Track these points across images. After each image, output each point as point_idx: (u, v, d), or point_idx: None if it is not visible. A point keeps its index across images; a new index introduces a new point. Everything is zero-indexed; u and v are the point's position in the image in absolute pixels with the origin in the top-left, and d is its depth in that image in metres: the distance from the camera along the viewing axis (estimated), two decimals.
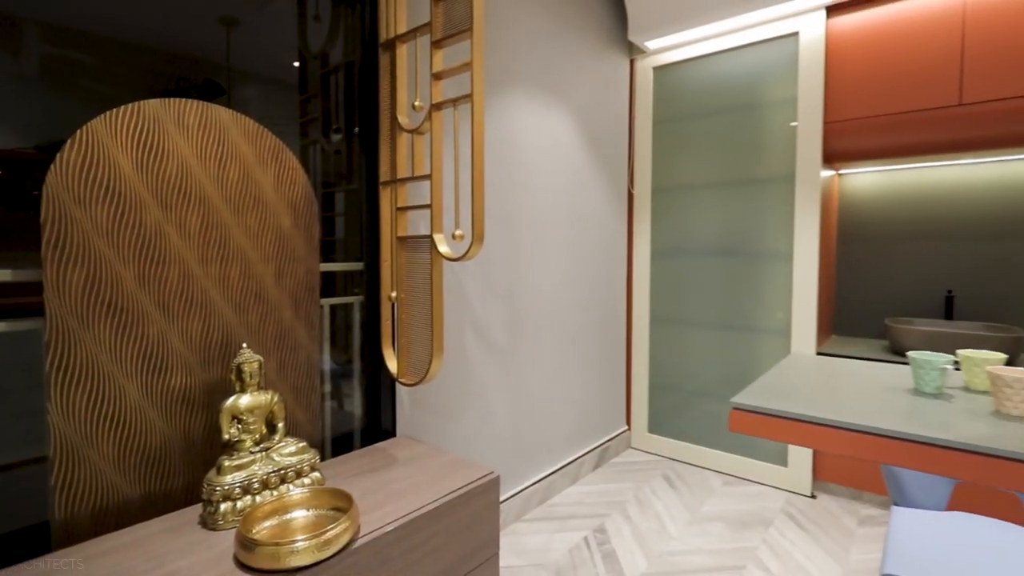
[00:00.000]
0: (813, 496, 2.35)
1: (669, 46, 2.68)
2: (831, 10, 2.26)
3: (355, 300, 1.64)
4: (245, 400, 1.11)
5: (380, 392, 1.64)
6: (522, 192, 2.14)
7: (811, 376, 1.11)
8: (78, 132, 1.02)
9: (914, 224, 2.52)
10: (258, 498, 1.04)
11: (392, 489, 1.18)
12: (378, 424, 1.65)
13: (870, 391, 0.99)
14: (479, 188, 1.25)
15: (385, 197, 1.49)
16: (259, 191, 1.26)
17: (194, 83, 1.33)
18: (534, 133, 2.19)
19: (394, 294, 1.48)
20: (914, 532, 1.28)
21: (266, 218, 1.27)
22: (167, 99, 1.12)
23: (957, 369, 1.11)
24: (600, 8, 2.58)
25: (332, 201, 1.64)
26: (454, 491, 1.17)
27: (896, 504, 1.43)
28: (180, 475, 1.15)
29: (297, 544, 0.86)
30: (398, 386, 1.65)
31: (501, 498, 2.07)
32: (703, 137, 2.66)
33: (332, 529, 0.90)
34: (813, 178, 2.32)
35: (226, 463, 1.05)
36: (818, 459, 2.38)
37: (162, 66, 1.26)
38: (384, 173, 1.48)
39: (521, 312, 2.15)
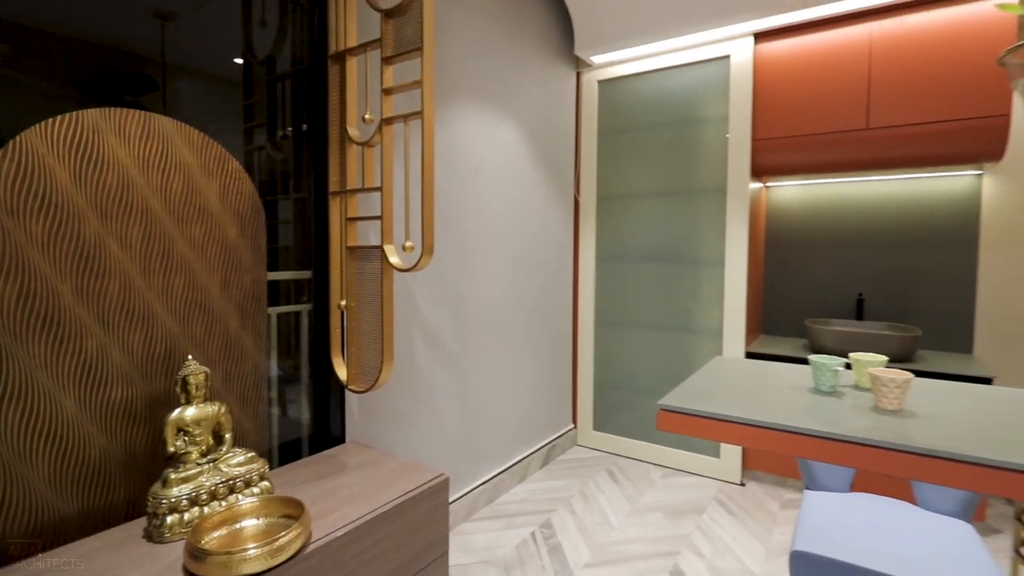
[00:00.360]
0: (742, 484, 2.55)
1: (613, 61, 2.82)
2: (758, 37, 2.46)
3: (303, 308, 1.65)
4: (191, 412, 1.12)
5: (329, 399, 1.66)
6: (470, 200, 2.20)
7: (728, 378, 1.24)
8: (10, 143, 0.99)
9: (831, 233, 2.78)
10: (206, 509, 1.06)
11: (343, 494, 1.21)
12: (327, 431, 1.67)
13: (777, 390, 1.13)
14: (429, 202, 1.30)
15: (334, 207, 1.51)
16: (204, 201, 1.26)
17: (124, 76, 1.30)
18: (482, 143, 2.25)
19: (343, 302, 1.51)
20: (821, 512, 1.44)
21: (211, 228, 1.27)
22: (107, 109, 1.11)
23: (849, 369, 1.27)
24: (548, 23, 2.68)
25: (276, 209, 1.65)
26: (405, 494, 1.22)
27: (808, 488, 1.61)
28: (121, 489, 1.14)
29: (249, 552, 0.89)
30: (347, 393, 1.67)
31: (450, 499, 2.13)
32: (645, 149, 2.81)
33: (284, 536, 0.94)
34: (742, 190, 2.52)
35: (172, 475, 1.05)
36: (747, 450, 2.58)
37: (88, 57, 1.23)
38: (334, 183, 1.51)
39: (470, 317, 2.21)
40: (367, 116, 1.42)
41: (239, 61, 1.55)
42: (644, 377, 2.87)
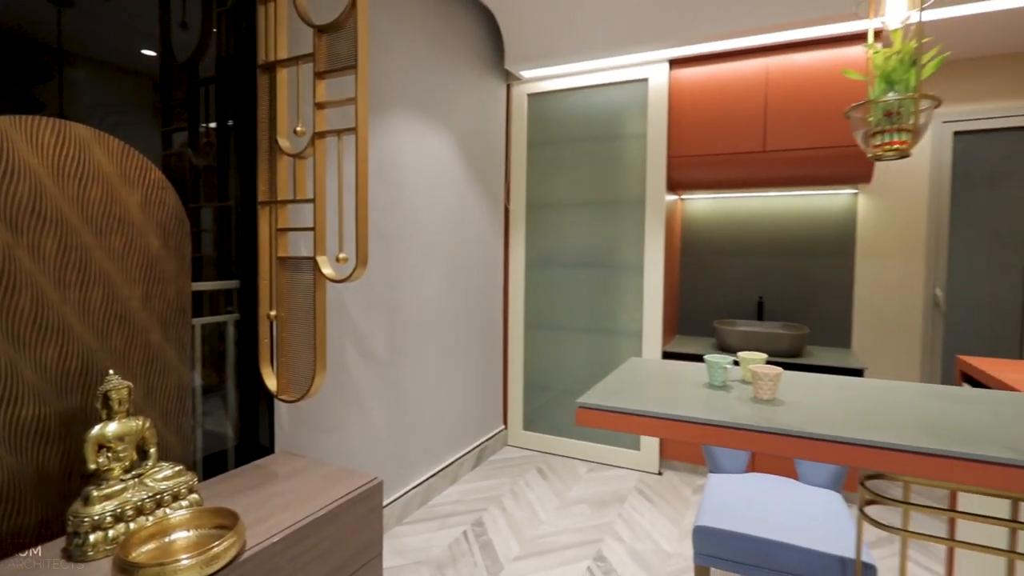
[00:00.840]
0: (660, 473, 2.78)
1: (542, 76, 2.97)
2: (673, 63, 2.70)
3: (229, 319, 1.64)
4: (113, 427, 1.11)
5: (257, 410, 1.66)
6: (402, 209, 2.25)
7: (639, 376, 1.40)
8: None
9: (737, 242, 3.09)
10: (132, 525, 1.05)
11: (276, 502, 1.24)
12: (255, 442, 1.67)
13: (679, 386, 1.29)
14: (363, 217, 1.36)
15: (264, 217, 1.52)
16: (124, 212, 1.24)
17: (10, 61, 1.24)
18: (414, 153, 2.31)
19: (273, 312, 1.52)
20: (721, 491, 1.65)
21: (132, 239, 1.25)
22: (18, 116, 1.07)
23: (737, 365, 1.47)
24: (479, 37, 2.78)
25: (198, 216, 1.62)
26: (339, 498, 1.27)
27: (711, 472, 1.81)
28: (32, 511, 1.10)
29: (182, 562, 0.92)
30: (277, 403, 1.68)
31: (383, 503, 2.17)
32: (571, 161, 2.99)
33: (218, 545, 0.96)
34: (659, 202, 2.75)
35: (95, 493, 1.04)
36: (664, 442, 2.82)
37: None
38: (262, 193, 1.52)
39: (402, 324, 2.26)
40: (299, 128, 1.44)
41: (152, 54, 1.51)
42: (571, 377, 3.04)
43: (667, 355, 2.80)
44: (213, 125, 1.60)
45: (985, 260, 2.84)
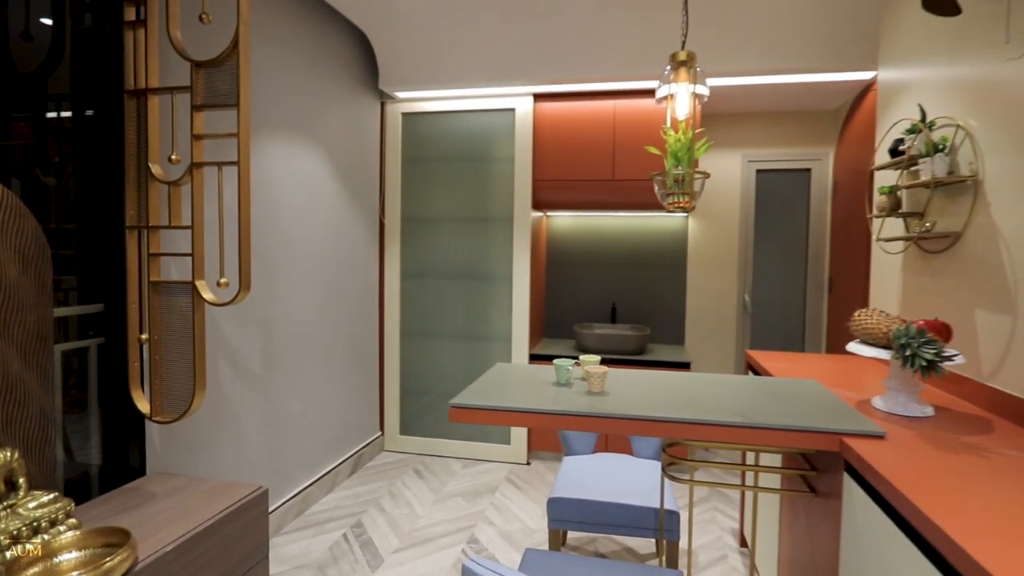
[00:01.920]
0: (528, 463, 3.15)
1: (417, 97, 3.17)
2: (537, 97, 3.07)
3: (92, 343, 1.63)
4: None
5: (127, 433, 1.67)
6: (278, 227, 2.33)
7: (503, 378, 1.70)
8: None
9: (595, 255, 3.58)
10: (8, 553, 1.09)
11: (162, 518, 1.33)
12: (126, 465, 1.68)
13: (533, 385, 1.61)
14: (246, 245, 1.48)
15: (132, 241, 1.56)
16: None
17: None
18: (289, 172, 2.40)
19: (145, 336, 1.57)
20: (572, 469, 2.01)
21: None
22: None
23: (576, 365, 1.84)
24: (353, 57, 2.91)
25: (58, 239, 1.60)
26: (226, 508, 1.39)
27: (566, 455, 2.19)
28: None
29: None
30: (148, 425, 1.70)
31: None
32: (445, 178, 3.24)
33: (110, 560, 1.06)
34: (525, 219, 3.11)
35: None
36: (532, 434, 3.19)
37: None
38: (131, 217, 1.55)
39: (278, 339, 2.34)
40: (174, 156, 1.51)
41: None
42: (446, 381, 3.29)
43: (534, 357, 3.18)
44: (65, 145, 1.58)
45: (779, 271, 3.64)
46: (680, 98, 1.55)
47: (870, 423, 1.28)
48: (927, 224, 1.78)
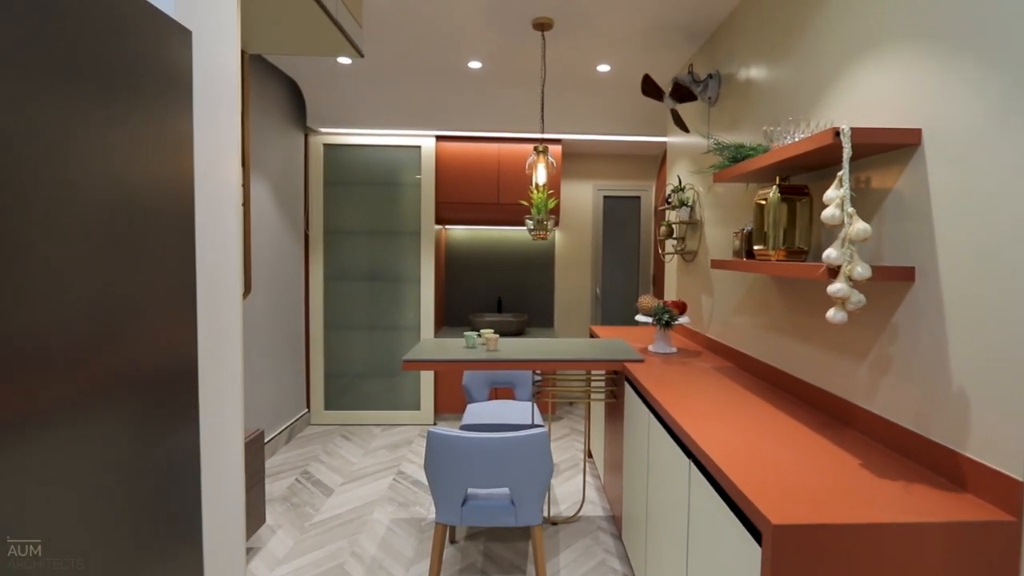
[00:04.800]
0: (435, 424, 4.06)
1: (337, 132, 3.92)
2: (439, 138, 4.00)
3: None
4: None
5: None
6: None
7: (432, 345, 2.60)
8: None
9: (485, 259, 4.58)
10: None
11: None
12: None
13: (452, 348, 2.54)
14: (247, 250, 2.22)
15: None
16: None
17: None
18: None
19: None
20: (473, 411, 2.98)
21: None
22: None
23: (478, 336, 2.80)
24: (286, 98, 3.59)
25: None
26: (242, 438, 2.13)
27: (468, 403, 3.15)
28: None
29: None
30: None
31: None
32: (362, 198, 4.03)
33: None
34: (430, 232, 4.02)
35: None
36: (437, 400, 4.10)
37: None
38: None
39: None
40: None
41: None
42: (364, 364, 4.08)
43: None
44: None
45: (620, 271, 4.94)
46: (539, 171, 2.59)
47: (638, 355, 2.42)
48: (683, 245, 3.03)
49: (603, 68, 3.23)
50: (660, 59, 3.05)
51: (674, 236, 3.14)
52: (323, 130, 3.88)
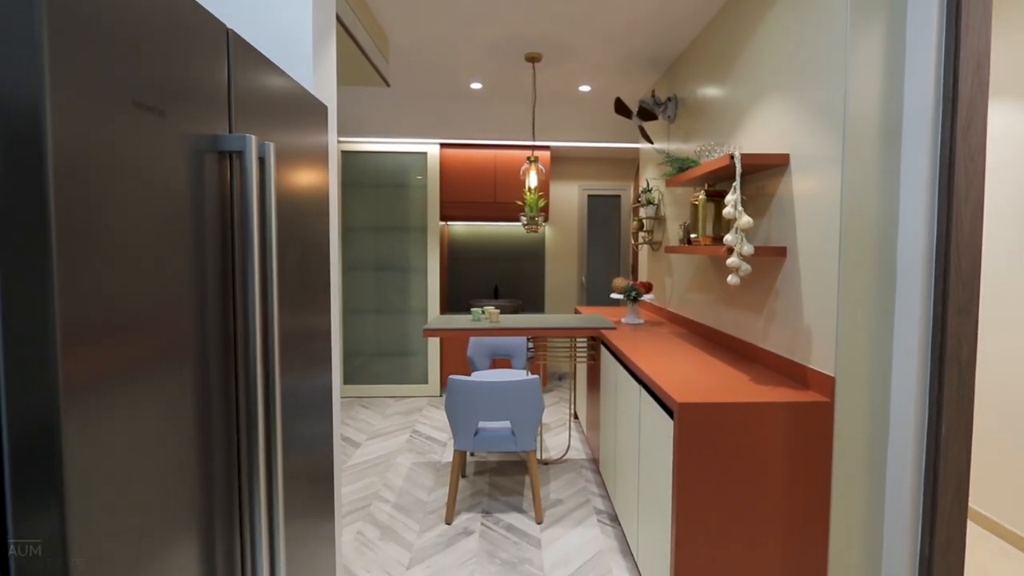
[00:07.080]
0: (441, 396, 4.68)
1: (355, 140, 4.51)
2: (443, 145, 4.60)
3: None
4: None
5: None
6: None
7: (444, 320, 3.21)
8: None
9: (483, 251, 5.19)
10: None
11: None
12: None
13: (461, 322, 3.15)
14: None
15: None
16: None
17: None
18: None
19: None
20: (476, 376, 3.59)
21: None
22: None
23: (483, 312, 3.41)
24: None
25: None
26: None
27: (472, 371, 3.76)
28: None
29: None
30: None
31: None
32: (376, 198, 4.62)
33: None
34: (435, 228, 4.62)
35: None
36: (443, 374, 4.72)
37: None
38: None
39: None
40: None
41: None
42: (378, 344, 4.68)
43: None
44: None
45: (603, 261, 5.57)
46: (531, 177, 3.21)
47: (612, 324, 3.05)
48: (651, 237, 3.67)
49: (584, 88, 3.84)
50: (631, 81, 3.67)
51: (644, 229, 3.77)
52: (342, 139, 4.47)
